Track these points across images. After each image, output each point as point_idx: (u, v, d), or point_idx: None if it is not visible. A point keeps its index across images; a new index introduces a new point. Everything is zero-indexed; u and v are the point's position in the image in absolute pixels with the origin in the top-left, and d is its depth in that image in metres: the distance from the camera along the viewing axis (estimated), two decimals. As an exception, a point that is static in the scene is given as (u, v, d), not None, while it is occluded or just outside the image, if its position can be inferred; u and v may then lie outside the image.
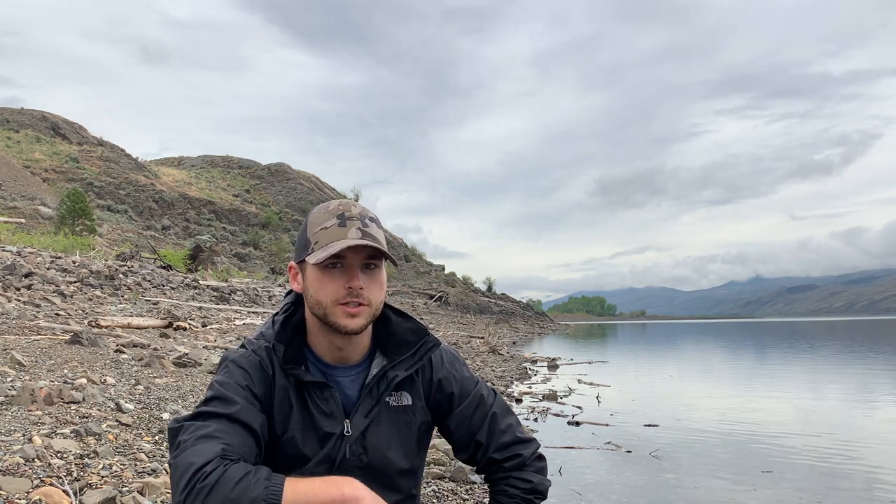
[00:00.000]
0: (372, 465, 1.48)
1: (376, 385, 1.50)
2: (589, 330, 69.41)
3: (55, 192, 46.32)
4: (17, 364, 5.56)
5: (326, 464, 1.45)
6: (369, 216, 1.45)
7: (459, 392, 1.57)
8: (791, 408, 9.79)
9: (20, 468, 3.00)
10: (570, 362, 18.73)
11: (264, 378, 1.44)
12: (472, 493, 4.56)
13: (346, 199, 1.50)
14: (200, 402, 1.40)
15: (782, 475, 5.49)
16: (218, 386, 1.41)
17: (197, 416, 1.34)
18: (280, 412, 1.44)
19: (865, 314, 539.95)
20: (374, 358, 1.54)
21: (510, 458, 1.56)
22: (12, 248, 17.22)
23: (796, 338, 39.05)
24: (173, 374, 6.65)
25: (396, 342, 1.54)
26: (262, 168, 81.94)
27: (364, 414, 1.48)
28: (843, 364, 18.09)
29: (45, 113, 68.40)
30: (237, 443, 1.31)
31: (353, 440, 1.46)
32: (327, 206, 1.47)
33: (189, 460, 1.24)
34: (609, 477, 5.48)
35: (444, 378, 1.57)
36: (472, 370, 1.63)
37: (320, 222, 1.43)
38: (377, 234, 1.44)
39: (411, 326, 1.56)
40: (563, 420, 8.36)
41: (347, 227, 1.41)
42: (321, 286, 1.42)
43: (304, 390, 1.46)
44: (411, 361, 1.53)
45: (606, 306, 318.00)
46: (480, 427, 1.57)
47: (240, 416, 1.34)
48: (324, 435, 1.45)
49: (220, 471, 1.22)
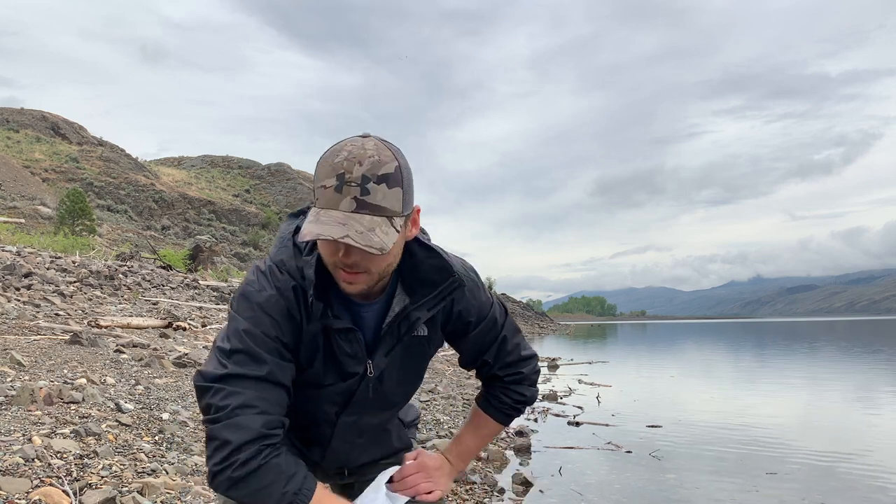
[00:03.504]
0: (384, 396, 1.55)
1: (397, 325, 1.47)
2: (589, 330, 69.43)
3: (55, 192, 46.31)
4: (17, 364, 5.56)
5: (344, 395, 1.50)
6: (379, 174, 1.26)
7: (476, 320, 1.57)
8: (791, 408, 9.79)
9: (20, 468, 2.99)
10: (571, 362, 18.72)
11: (293, 327, 1.40)
12: (472, 493, 4.56)
13: (358, 148, 1.27)
14: (225, 349, 1.35)
15: (783, 476, 5.48)
16: (245, 337, 1.35)
17: (227, 379, 1.31)
18: (305, 353, 1.44)
19: (866, 314, 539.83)
20: (396, 293, 1.48)
21: (511, 374, 1.65)
22: (12, 248, 17.21)
23: (797, 338, 39.06)
24: (173, 375, 6.64)
25: (420, 280, 1.47)
26: (262, 168, 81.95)
27: (385, 353, 1.49)
28: (844, 364, 18.09)
29: (45, 113, 68.41)
30: (273, 402, 1.34)
31: (373, 380, 1.50)
32: (336, 156, 1.27)
33: (226, 436, 1.27)
34: (609, 477, 5.47)
35: (464, 309, 1.55)
36: (486, 288, 1.61)
37: (322, 176, 1.28)
38: (385, 198, 1.26)
39: (436, 264, 1.46)
40: (563, 420, 8.35)
41: (342, 196, 1.25)
42: (321, 245, 1.34)
43: (332, 334, 1.44)
44: (434, 302, 1.48)
45: (606, 306, 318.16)
46: (489, 348, 1.61)
47: (271, 377, 1.34)
48: (346, 373, 1.48)
49: (256, 461, 1.27)
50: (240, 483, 1.28)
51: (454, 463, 1.70)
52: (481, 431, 1.72)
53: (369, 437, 1.63)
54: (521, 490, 4.89)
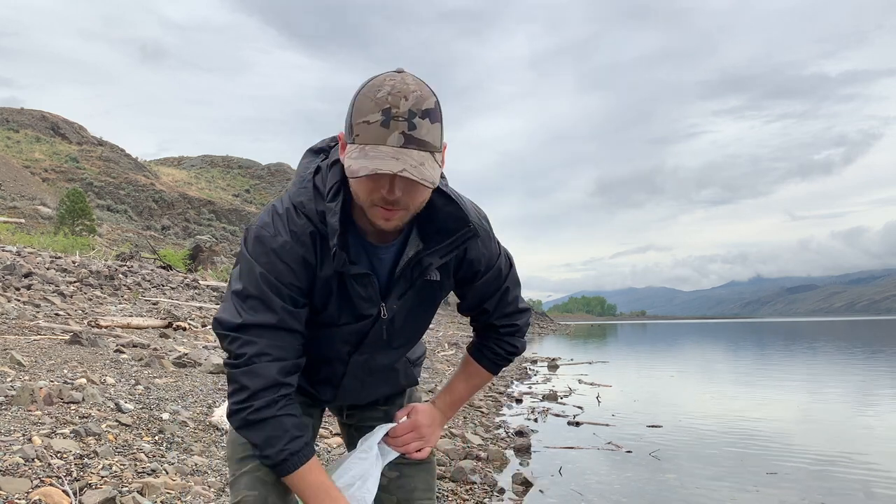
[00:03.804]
0: (395, 337, 1.59)
1: (410, 269, 1.49)
2: (589, 330, 69.42)
3: (55, 192, 46.32)
4: (17, 364, 5.56)
5: (357, 335, 1.54)
6: (423, 109, 1.26)
7: (485, 269, 1.60)
8: (791, 408, 9.79)
9: (20, 468, 2.99)
10: (571, 362, 18.73)
11: (308, 273, 1.42)
12: (472, 493, 4.56)
13: (399, 83, 1.26)
14: (240, 293, 1.39)
15: (783, 476, 5.48)
16: (260, 282, 1.38)
17: (243, 328, 1.38)
18: (319, 296, 1.46)
19: (866, 314, 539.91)
20: (411, 237, 1.48)
21: (507, 325, 1.69)
22: (12, 248, 17.21)
23: (797, 338, 39.06)
24: (173, 375, 6.64)
25: (435, 227, 1.47)
26: (262, 168, 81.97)
27: (398, 296, 1.52)
28: (843, 365, 18.09)
29: (45, 113, 68.42)
30: (287, 348, 1.41)
31: (386, 321, 1.54)
32: (377, 90, 1.26)
33: (244, 382, 1.37)
34: (609, 477, 5.47)
35: (475, 258, 1.57)
36: (495, 238, 1.63)
37: (364, 112, 1.26)
38: (429, 133, 1.27)
39: (453, 212, 1.46)
40: (563, 420, 8.36)
41: (390, 130, 1.24)
42: (357, 184, 1.32)
43: (347, 279, 1.45)
44: (448, 250, 1.49)
45: (606, 306, 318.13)
46: (491, 297, 1.64)
47: (284, 325, 1.40)
48: (360, 315, 1.51)
49: (271, 411, 1.38)
50: (252, 426, 1.39)
51: (445, 412, 1.75)
52: (473, 381, 1.77)
53: (379, 376, 1.68)
54: (521, 490, 4.89)
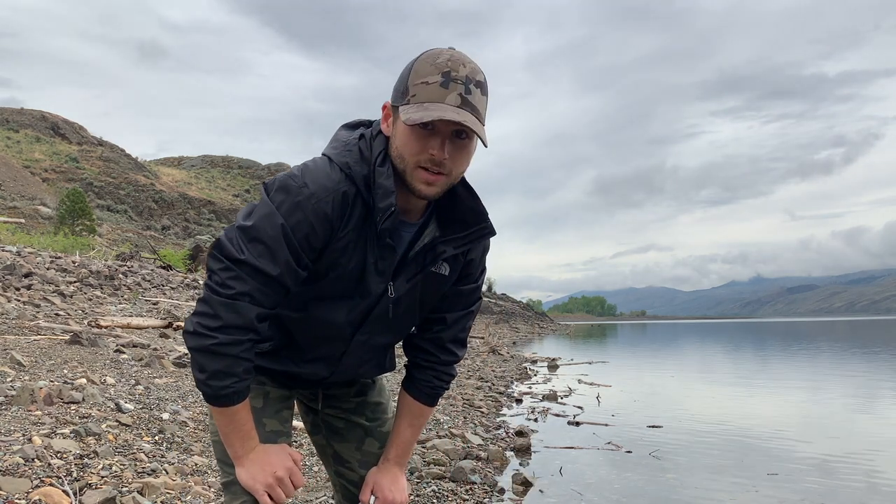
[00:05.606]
0: (397, 319, 1.57)
1: (423, 254, 1.50)
2: (589, 330, 69.42)
3: (55, 192, 46.32)
4: (17, 364, 5.56)
5: (362, 313, 1.53)
6: (477, 79, 1.35)
7: (475, 278, 1.62)
8: (791, 408, 9.79)
9: (20, 468, 2.99)
10: (571, 362, 18.72)
11: (325, 233, 1.39)
12: (472, 493, 4.56)
13: (458, 53, 1.36)
14: (247, 231, 1.35)
15: (783, 476, 5.48)
16: (273, 230, 1.34)
17: (241, 264, 1.34)
18: (327, 261, 1.43)
19: (866, 314, 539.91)
20: (430, 223, 1.51)
21: (450, 353, 1.67)
22: (12, 248, 17.21)
23: (797, 338, 39.06)
24: (173, 375, 6.64)
25: (454, 217, 1.50)
26: (262, 168, 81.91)
27: (407, 279, 1.51)
28: (844, 365, 18.09)
29: (45, 113, 68.41)
30: (271, 297, 1.38)
31: (392, 301, 1.53)
32: (436, 57, 1.34)
33: (220, 312, 1.33)
34: (609, 477, 5.47)
35: (474, 260, 1.59)
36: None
37: (423, 74, 1.33)
38: (479, 102, 1.35)
39: (473, 206, 1.50)
40: (563, 420, 8.35)
41: (449, 91, 1.31)
42: (406, 142, 1.36)
43: (371, 246, 1.44)
44: (462, 241, 1.51)
45: (607, 306, 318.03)
46: (453, 311, 1.63)
47: (280, 278, 1.37)
48: (366, 291, 1.50)
49: (235, 350, 1.35)
50: (210, 354, 1.35)
51: (401, 464, 1.72)
52: (418, 421, 1.73)
53: (375, 357, 1.68)
54: (521, 490, 4.89)
